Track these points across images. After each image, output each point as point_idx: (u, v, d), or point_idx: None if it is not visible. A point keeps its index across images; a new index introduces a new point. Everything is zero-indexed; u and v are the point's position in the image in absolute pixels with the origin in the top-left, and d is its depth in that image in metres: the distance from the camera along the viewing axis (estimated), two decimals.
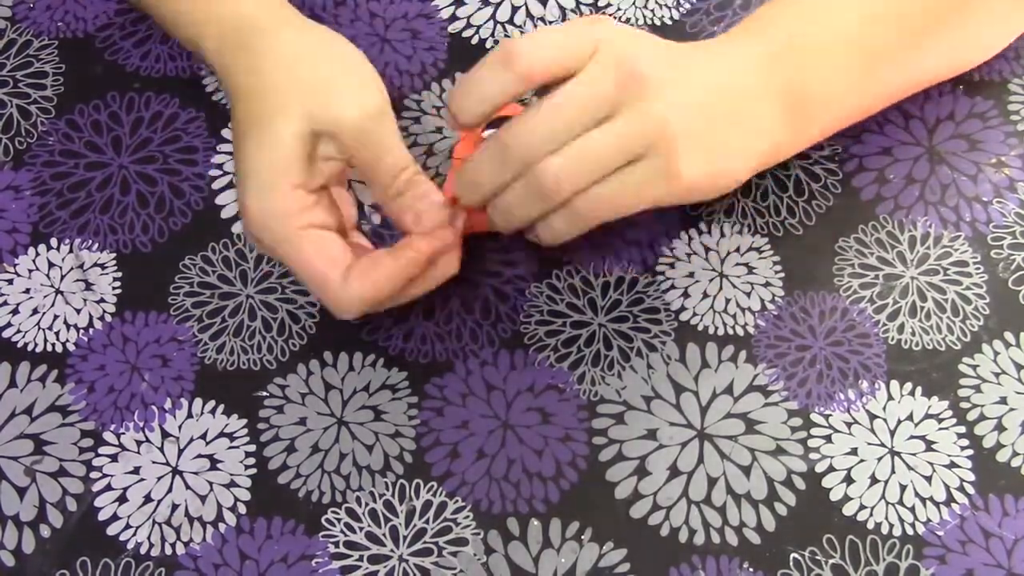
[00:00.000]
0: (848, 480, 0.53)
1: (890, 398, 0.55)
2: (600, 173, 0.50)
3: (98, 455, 0.55)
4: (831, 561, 0.51)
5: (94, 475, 0.54)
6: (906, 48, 0.56)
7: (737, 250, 0.58)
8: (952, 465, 0.53)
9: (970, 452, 0.53)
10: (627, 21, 0.65)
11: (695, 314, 0.57)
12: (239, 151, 0.52)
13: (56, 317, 0.58)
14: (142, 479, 0.54)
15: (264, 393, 0.56)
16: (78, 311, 0.58)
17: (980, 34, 0.60)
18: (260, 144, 0.51)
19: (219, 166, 0.62)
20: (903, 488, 0.53)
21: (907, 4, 0.55)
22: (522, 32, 0.65)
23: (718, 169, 0.52)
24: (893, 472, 0.53)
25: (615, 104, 0.49)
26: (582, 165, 0.50)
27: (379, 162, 0.52)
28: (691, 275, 0.58)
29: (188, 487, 0.54)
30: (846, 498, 0.52)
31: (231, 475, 0.54)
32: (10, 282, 0.59)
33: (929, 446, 0.53)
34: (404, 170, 0.53)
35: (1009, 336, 0.56)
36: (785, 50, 0.53)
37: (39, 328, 0.58)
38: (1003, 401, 0.54)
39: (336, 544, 0.52)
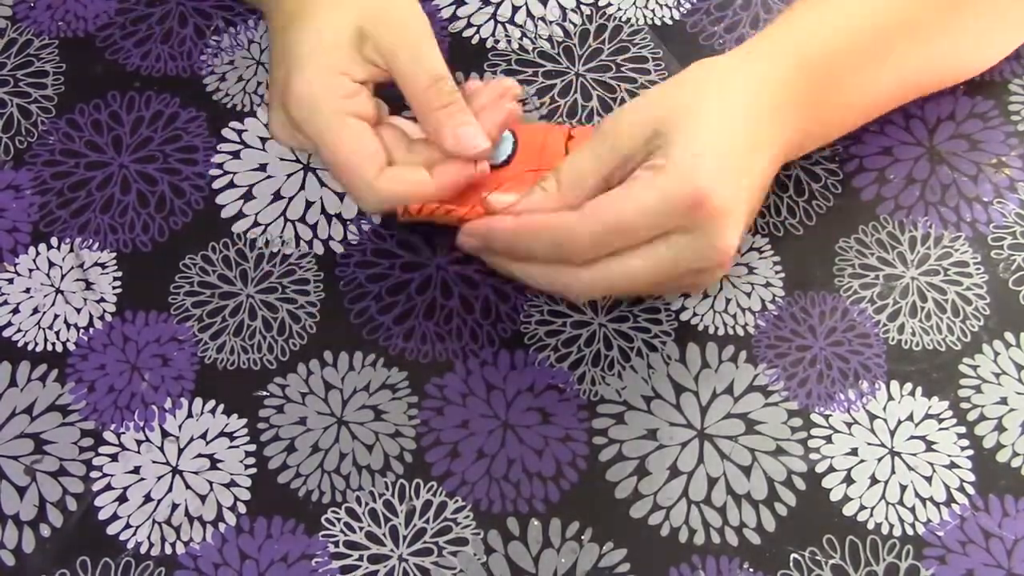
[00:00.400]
0: (848, 480, 0.53)
1: (890, 398, 0.55)
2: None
3: (98, 454, 0.55)
4: (831, 561, 0.51)
5: (94, 474, 0.54)
6: (913, 56, 0.56)
7: (737, 250, 0.58)
8: (952, 465, 0.53)
9: (970, 452, 0.53)
10: (627, 21, 0.65)
11: (695, 314, 0.57)
12: (290, 36, 0.54)
13: (56, 316, 0.58)
14: (142, 479, 0.54)
15: (264, 393, 0.56)
16: (78, 310, 0.58)
17: (988, 39, 0.60)
18: (312, 29, 0.54)
19: (219, 165, 0.62)
20: (903, 488, 0.53)
21: (915, 11, 0.55)
22: (522, 32, 0.65)
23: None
24: (893, 472, 0.53)
25: (682, 224, 0.49)
26: (626, 289, 0.53)
27: (417, 65, 0.53)
28: None
29: (188, 487, 0.54)
30: (846, 498, 0.52)
31: (231, 475, 0.54)
32: (10, 281, 0.59)
33: (929, 446, 0.53)
34: (441, 79, 0.53)
35: (1009, 336, 0.56)
36: (804, 64, 0.53)
37: (39, 327, 0.58)
38: (1003, 401, 0.54)
39: (336, 544, 0.52)
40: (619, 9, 0.65)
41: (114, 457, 0.55)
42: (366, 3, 0.54)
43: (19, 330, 0.58)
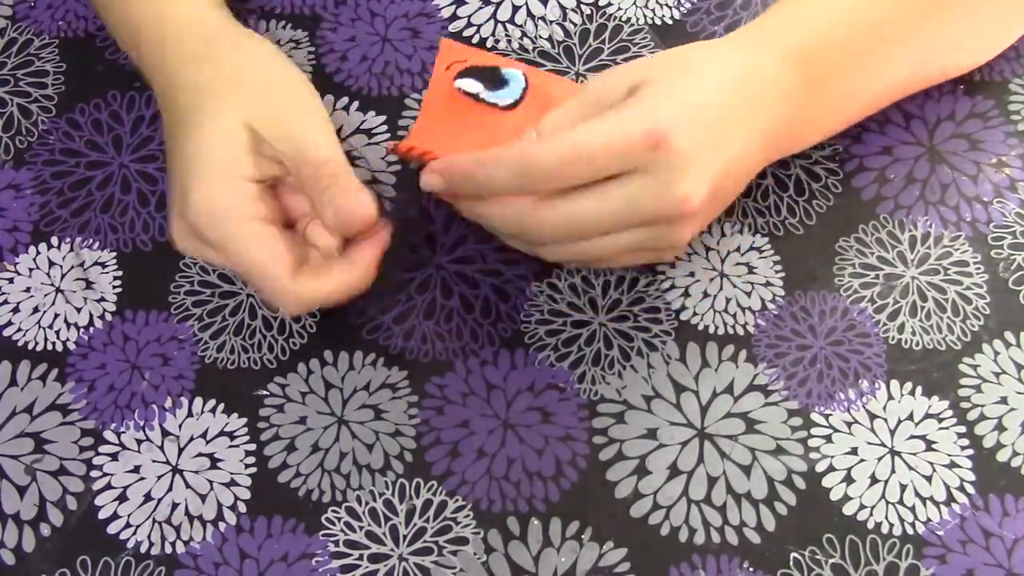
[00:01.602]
0: (848, 480, 0.53)
1: (890, 398, 0.55)
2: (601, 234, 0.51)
3: (98, 454, 0.55)
4: (831, 561, 0.51)
5: (94, 474, 0.54)
6: (906, 52, 0.56)
7: (737, 249, 0.58)
8: (952, 465, 0.53)
9: (970, 452, 0.53)
10: (627, 21, 0.65)
11: (695, 313, 0.57)
12: (181, 143, 0.53)
13: (57, 316, 0.58)
14: (142, 478, 0.54)
15: (264, 392, 0.56)
16: (79, 310, 0.58)
17: (983, 33, 0.59)
18: (204, 134, 0.52)
19: None
20: (903, 488, 0.53)
21: (908, 6, 0.55)
22: (522, 32, 0.65)
23: (723, 204, 0.55)
24: (893, 472, 0.53)
25: (642, 162, 0.49)
26: (585, 259, 0.53)
27: (299, 157, 0.52)
28: (691, 274, 0.58)
29: (188, 486, 0.54)
30: (846, 498, 0.52)
31: (231, 474, 0.54)
32: (11, 281, 0.59)
33: (929, 446, 0.53)
34: (326, 163, 0.52)
35: (1009, 336, 0.56)
36: (798, 51, 0.53)
37: (40, 327, 0.58)
38: (1003, 401, 0.54)
39: (336, 543, 0.52)
40: (619, 9, 0.65)
41: (114, 456, 0.55)
42: (251, 101, 0.53)
43: (19, 329, 0.58)
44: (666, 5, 0.66)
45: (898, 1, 0.55)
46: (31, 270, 0.59)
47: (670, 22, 0.65)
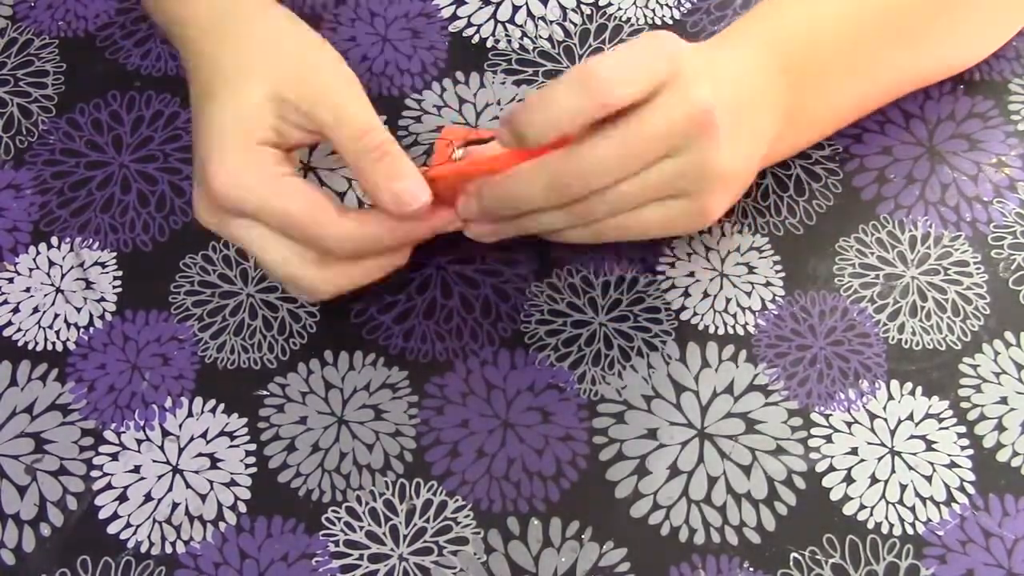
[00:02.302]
0: (848, 480, 0.53)
1: (890, 398, 0.55)
2: (639, 205, 0.51)
3: (98, 454, 0.55)
4: (831, 561, 0.51)
5: (94, 474, 0.54)
6: (903, 46, 0.56)
7: (737, 249, 0.58)
8: (952, 465, 0.53)
9: (970, 452, 0.53)
10: (627, 21, 0.65)
11: (695, 313, 0.57)
12: (205, 114, 0.52)
13: (57, 316, 0.58)
14: (142, 478, 0.54)
15: (264, 392, 0.56)
16: (79, 310, 0.58)
17: (977, 32, 0.60)
18: (230, 103, 0.51)
19: None
20: (903, 488, 0.53)
21: (901, 7, 0.55)
22: (522, 32, 0.65)
23: (737, 198, 0.54)
24: (893, 472, 0.53)
25: (677, 146, 0.49)
26: (629, 201, 0.50)
27: (340, 122, 0.51)
28: (691, 274, 0.58)
29: (188, 486, 0.54)
30: (846, 498, 0.52)
31: (231, 474, 0.54)
32: (11, 281, 0.59)
33: (929, 446, 0.53)
34: (367, 132, 0.50)
35: (1009, 336, 0.56)
36: (786, 55, 0.53)
37: (40, 327, 0.58)
38: (1003, 401, 0.54)
39: (336, 543, 0.52)
40: (619, 9, 0.65)
41: (114, 456, 0.55)
42: (280, 67, 0.52)
43: (19, 329, 0.58)
44: (666, 5, 0.66)
45: (888, 4, 0.55)
46: (31, 270, 0.59)
47: (670, 22, 0.65)
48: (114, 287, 0.59)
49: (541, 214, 0.52)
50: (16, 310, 0.58)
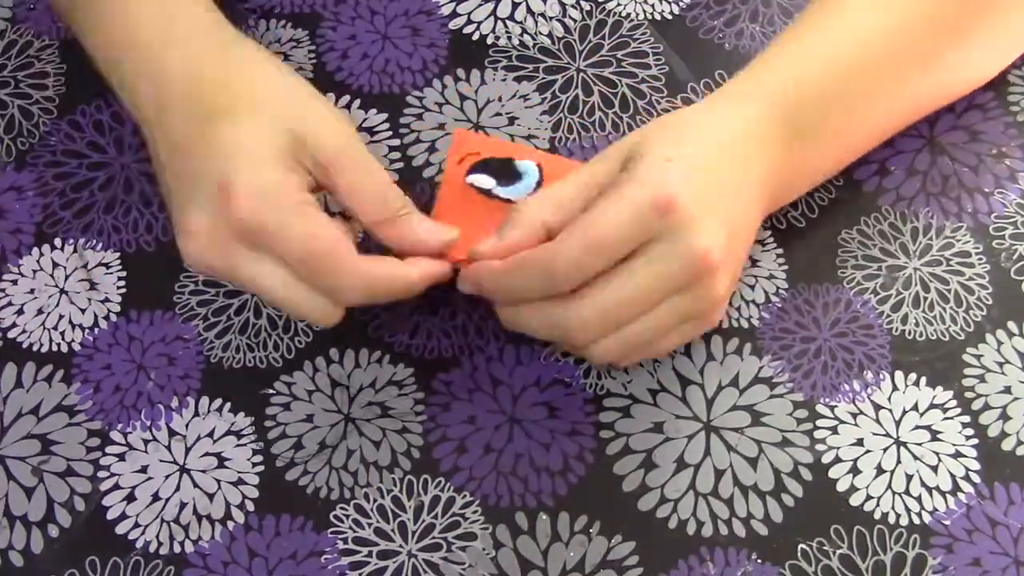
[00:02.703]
0: (854, 471, 0.53)
1: (895, 388, 0.55)
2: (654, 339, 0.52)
3: (105, 454, 0.55)
4: (839, 551, 0.51)
5: (102, 474, 0.54)
6: (898, 91, 0.56)
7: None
8: (957, 454, 0.53)
9: (975, 441, 0.54)
10: (627, 16, 0.65)
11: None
12: (217, 135, 0.49)
13: (61, 317, 0.58)
14: (150, 478, 0.54)
15: (271, 391, 0.56)
16: (83, 311, 0.58)
17: (973, 63, 0.59)
18: (252, 123, 0.49)
19: None
20: (909, 478, 0.53)
21: (900, 49, 0.55)
22: (522, 28, 0.65)
23: (740, 270, 0.55)
24: (899, 462, 0.53)
25: (680, 288, 0.50)
26: (643, 339, 0.51)
27: (367, 178, 0.51)
28: None
29: (196, 485, 0.54)
30: (852, 488, 0.53)
31: (239, 473, 0.54)
32: (15, 283, 0.59)
33: (934, 436, 0.54)
34: (390, 188, 0.51)
35: (1012, 326, 0.56)
36: (782, 108, 0.53)
37: (44, 328, 0.58)
38: (1007, 390, 0.55)
39: (345, 540, 0.52)
40: (619, 4, 0.66)
41: (121, 456, 0.55)
42: (297, 112, 0.51)
43: (24, 331, 0.58)
44: (666, 0, 0.66)
45: (885, 46, 0.55)
46: (35, 272, 0.59)
47: (669, 17, 0.65)
48: (118, 288, 0.59)
49: (540, 313, 0.52)
50: (20, 312, 0.58)
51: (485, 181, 0.55)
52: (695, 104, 0.54)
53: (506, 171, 0.55)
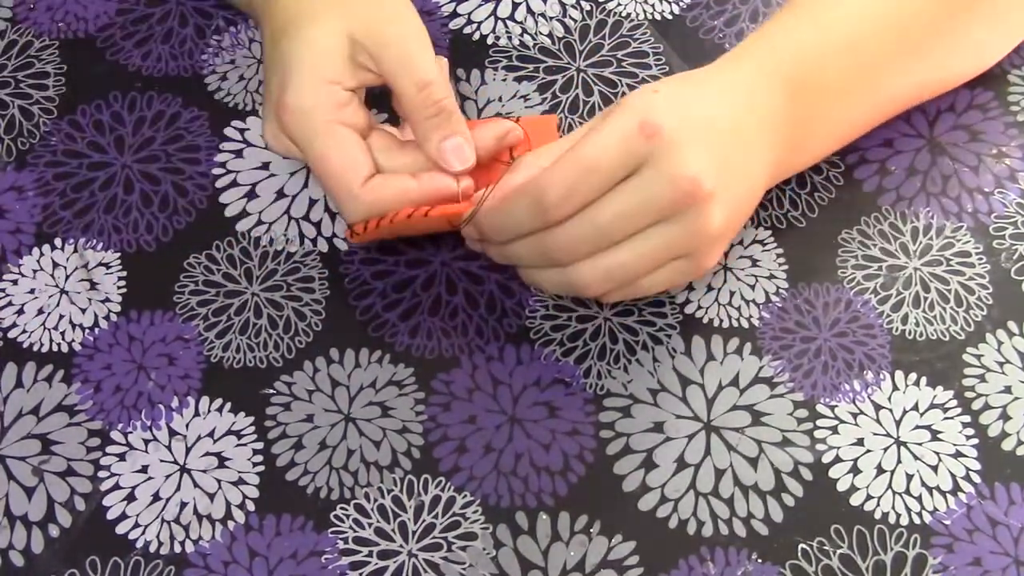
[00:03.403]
0: (855, 470, 0.53)
1: (895, 388, 0.55)
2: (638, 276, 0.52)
3: (106, 454, 0.55)
4: (839, 551, 0.51)
5: (102, 474, 0.54)
6: (902, 64, 0.56)
7: (741, 243, 0.58)
8: (958, 454, 0.53)
9: (975, 441, 0.54)
10: (627, 16, 0.65)
11: (700, 307, 0.57)
12: (277, 49, 0.54)
13: (61, 317, 0.58)
14: (150, 478, 0.54)
15: (271, 391, 0.56)
16: (83, 311, 0.58)
17: (981, 43, 0.60)
18: (303, 39, 0.54)
19: (222, 164, 0.62)
20: (909, 478, 0.53)
21: (903, 20, 0.55)
22: (522, 28, 0.65)
23: (737, 231, 0.55)
24: (899, 462, 0.53)
25: (667, 216, 0.50)
26: (628, 272, 0.51)
27: (404, 72, 0.53)
28: None
29: (196, 485, 0.54)
30: (853, 488, 0.53)
31: (239, 472, 0.54)
32: (15, 282, 0.59)
33: (935, 436, 0.54)
34: (428, 85, 0.53)
35: (1012, 325, 0.56)
36: (787, 75, 0.53)
37: (44, 328, 0.58)
38: (1007, 390, 0.55)
39: (345, 540, 0.52)
40: (619, 4, 0.66)
41: (122, 456, 0.55)
42: (357, 11, 0.54)
43: (24, 331, 0.58)
44: (666, 0, 0.66)
45: (890, 24, 0.55)
46: (35, 271, 0.59)
47: (670, 17, 0.65)
48: (118, 288, 0.59)
49: (530, 238, 0.53)
50: (21, 312, 0.58)
51: None
52: (693, 72, 0.54)
53: None
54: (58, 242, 0.60)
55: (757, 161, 0.53)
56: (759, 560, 0.51)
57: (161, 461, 0.54)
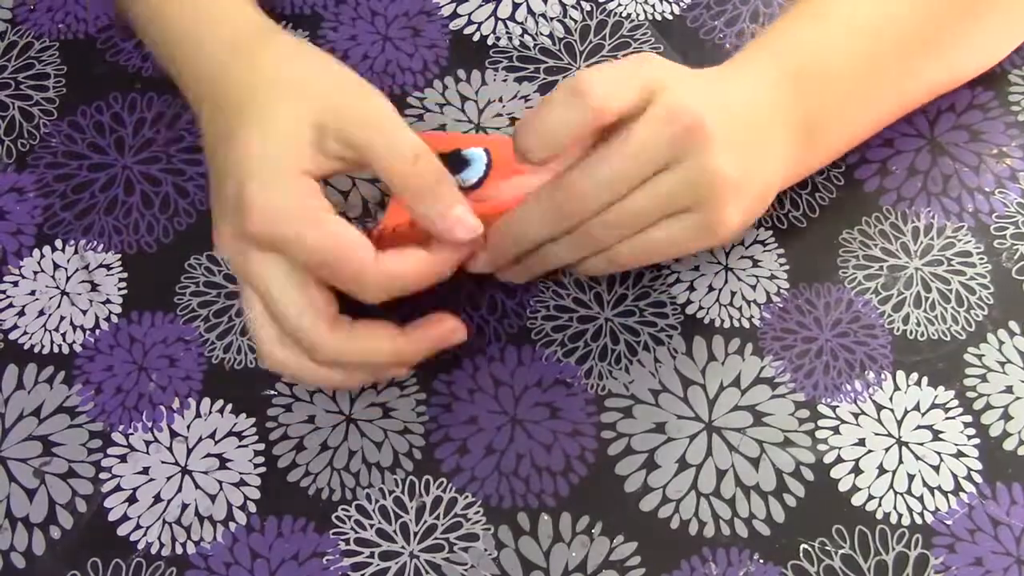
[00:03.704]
0: (856, 471, 0.53)
1: (896, 388, 0.55)
2: (648, 224, 0.50)
3: (107, 456, 0.55)
4: (841, 551, 0.51)
5: (103, 476, 0.54)
6: (915, 61, 0.56)
7: (742, 243, 0.58)
8: (959, 454, 0.53)
9: (977, 441, 0.54)
10: (627, 17, 0.65)
11: (701, 307, 0.57)
12: (238, 140, 0.50)
13: (62, 318, 0.58)
14: (151, 479, 0.54)
15: (272, 392, 0.56)
16: (84, 312, 0.58)
17: (990, 39, 0.60)
18: (264, 129, 0.49)
19: None
20: (911, 478, 0.53)
21: (912, 18, 0.55)
22: (523, 29, 0.65)
23: (754, 214, 0.54)
24: (901, 462, 0.53)
25: (669, 157, 0.49)
26: (635, 221, 0.50)
27: (394, 151, 0.49)
28: (696, 268, 0.58)
29: (198, 486, 0.54)
30: (854, 488, 0.53)
31: (240, 474, 0.54)
32: (16, 284, 0.59)
33: (936, 436, 0.54)
34: (420, 157, 0.49)
35: (1014, 325, 0.56)
36: (799, 72, 0.53)
37: (45, 330, 0.58)
38: (1009, 390, 0.55)
39: (347, 541, 0.52)
40: (619, 5, 0.66)
41: (123, 458, 0.55)
42: (318, 95, 0.50)
43: (25, 332, 0.58)
44: (666, 0, 0.66)
45: (899, 24, 0.55)
46: (36, 273, 0.59)
47: (670, 17, 0.65)
48: (119, 289, 0.59)
49: (552, 248, 0.52)
50: (22, 313, 0.58)
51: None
52: (708, 69, 0.54)
53: (455, 161, 0.54)
54: (59, 243, 0.60)
55: (775, 145, 0.53)
56: (761, 561, 0.51)
57: (162, 462, 0.54)
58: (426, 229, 0.50)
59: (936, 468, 0.53)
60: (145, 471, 0.54)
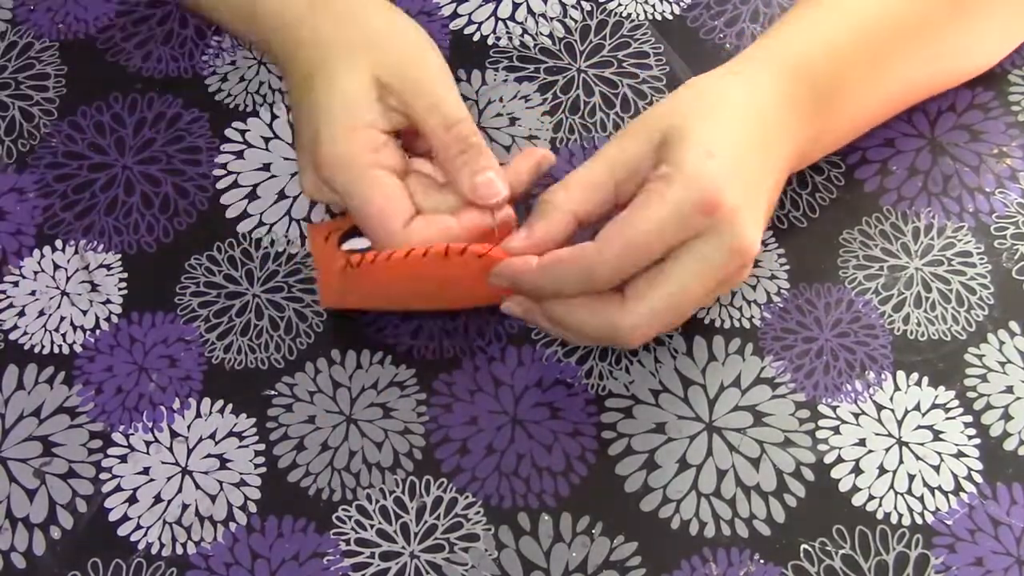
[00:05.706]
0: (857, 471, 0.53)
1: (897, 388, 0.55)
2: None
3: (107, 456, 0.55)
4: (841, 552, 0.51)
5: (104, 476, 0.54)
6: (913, 58, 0.56)
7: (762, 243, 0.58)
8: (960, 454, 0.53)
9: (977, 441, 0.54)
10: (628, 17, 0.65)
11: (701, 307, 0.57)
12: (306, 99, 0.55)
13: (63, 319, 0.58)
14: (152, 479, 0.54)
15: (272, 392, 0.56)
16: (84, 312, 0.58)
17: (992, 37, 0.60)
18: (333, 87, 0.54)
19: (223, 165, 0.62)
20: (911, 478, 0.53)
21: (911, 15, 0.55)
22: (523, 29, 0.65)
23: (767, 222, 0.54)
24: (901, 462, 0.53)
25: (694, 232, 0.49)
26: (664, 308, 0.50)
27: (433, 112, 0.54)
28: None
29: (198, 487, 0.54)
30: (855, 489, 0.53)
31: (241, 474, 0.54)
32: (16, 284, 0.59)
33: (936, 436, 0.54)
34: (457, 123, 0.54)
35: (1014, 325, 0.56)
36: (801, 61, 0.53)
37: (46, 330, 0.58)
38: (1009, 390, 0.55)
39: (347, 541, 0.52)
40: (620, 4, 0.66)
41: (123, 458, 0.55)
42: (382, 54, 0.55)
43: (25, 333, 0.58)
44: (666, 0, 0.66)
45: (902, 15, 0.55)
46: (36, 273, 0.59)
47: (670, 17, 0.65)
48: (119, 289, 0.59)
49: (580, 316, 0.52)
50: (22, 313, 0.58)
51: (361, 242, 0.55)
52: (709, 74, 0.54)
53: (353, 232, 0.56)
54: (59, 244, 0.60)
55: (779, 175, 0.54)
56: (761, 561, 0.51)
57: (163, 463, 0.54)
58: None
59: (936, 468, 0.53)
60: (145, 471, 0.54)
